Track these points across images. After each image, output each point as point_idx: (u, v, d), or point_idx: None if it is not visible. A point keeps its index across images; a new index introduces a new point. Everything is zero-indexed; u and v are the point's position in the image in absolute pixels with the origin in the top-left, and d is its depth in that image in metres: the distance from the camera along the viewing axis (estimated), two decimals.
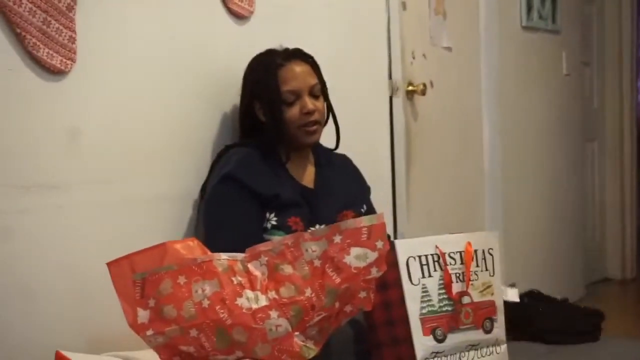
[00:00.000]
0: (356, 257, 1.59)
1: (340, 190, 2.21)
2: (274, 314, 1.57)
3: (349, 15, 2.78)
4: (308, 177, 2.21)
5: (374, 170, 2.45)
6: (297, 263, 1.61)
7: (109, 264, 1.62)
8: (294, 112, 2.11)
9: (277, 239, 1.68)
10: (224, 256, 1.63)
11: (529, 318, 2.62)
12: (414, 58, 3.16)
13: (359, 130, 2.33)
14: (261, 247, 1.63)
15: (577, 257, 4.43)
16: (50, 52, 1.81)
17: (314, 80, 2.14)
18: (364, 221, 1.61)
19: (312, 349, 1.60)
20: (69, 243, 1.87)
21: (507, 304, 2.46)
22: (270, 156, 2.14)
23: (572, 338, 2.59)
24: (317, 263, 1.60)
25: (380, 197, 2.66)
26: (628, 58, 5.03)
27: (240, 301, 1.57)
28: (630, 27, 5.02)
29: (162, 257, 1.61)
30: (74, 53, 1.86)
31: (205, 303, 1.56)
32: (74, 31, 1.86)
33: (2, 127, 1.74)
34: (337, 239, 1.60)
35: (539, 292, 2.90)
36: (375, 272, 1.61)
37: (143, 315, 1.58)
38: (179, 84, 2.16)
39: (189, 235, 2.16)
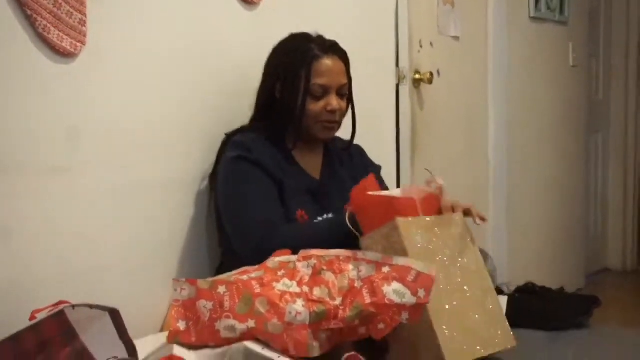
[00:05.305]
0: (394, 291, 1.61)
1: (346, 182, 2.18)
2: (299, 302, 1.61)
3: (358, 2, 2.78)
4: (314, 167, 2.19)
5: (379, 157, 2.45)
6: (340, 275, 1.66)
7: None
8: (318, 106, 2.08)
9: (333, 251, 1.71)
10: (277, 259, 1.72)
11: (523, 312, 2.64)
12: (421, 46, 3.16)
13: (365, 117, 2.31)
14: (315, 252, 1.70)
15: (578, 247, 4.44)
16: (61, 34, 1.81)
17: (344, 80, 2.12)
18: (417, 265, 1.63)
19: (316, 349, 1.62)
20: (74, 226, 1.87)
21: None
22: (277, 142, 2.12)
23: (569, 321, 2.61)
24: (357, 284, 1.64)
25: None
26: (634, 50, 5.03)
27: (276, 284, 1.64)
28: (638, 19, 5.02)
29: None
30: (84, 36, 1.85)
31: (245, 278, 1.65)
32: (84, 14, 1.85)
33: (12, 109, 1.73)
34: (386, 269, 1.64)
35: (532, 285, 2.92)
36: (404, 318, 1.61)
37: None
38: (188, 69, 2.15)
39: (197, 220, 2.18)
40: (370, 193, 1.84)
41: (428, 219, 1.83)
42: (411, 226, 1.78)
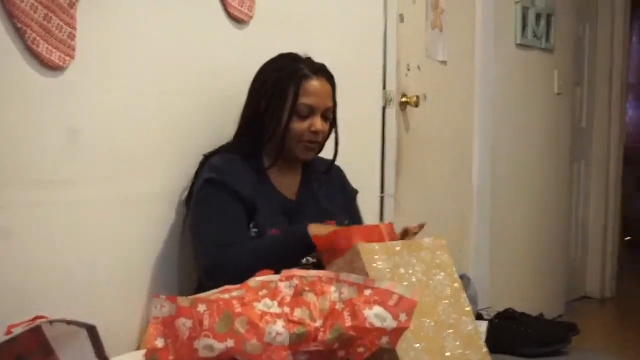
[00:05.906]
0: (376, 314, 1.60)
1: (322, 203, 2.19)
2: (280, 322, 1.59)
3: (347, 24, 2.78)
4: (291, 188, 2.19)
5: (363, 179, 2.45)
6: (322, 296, 1.64)
7: None
8: (302, 126, 2.09)
9: (314, 271, 1.71)
10: (259, 278, 1.69)
11: (503, 338, 2.65)
12: (408, 70, 3.18)
13: (350, 139, 2.31)
14: (297, 272, 1.68)
15: (558, 274, 4.45)
16: (50, 47, 1.80)
17: (330, 103, 2.13)
18: (399, 289, 1.63)
19: None
20: (65, 240, 1.86)
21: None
22: (253, 163, 2.12)
23: (547, 348, 2.62)
24: (338, 306, 1.63)
25: (368, 207, 2.66)
26: (618, 79, 5.06)
27: (256, 304, 1.62)
28: (622, 48, 5.05)
29: None
30: (73, 49, 1.85)
31: (226, 297, 1.63)
32: (74, 28, 1.85)
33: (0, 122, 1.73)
34: (368, 292, 1.63)
35: (512, 311, 2.93)
36: (384, 342, 1.60)
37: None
38: (176, 84, 2.14)
39: (177, 235, 2.16)
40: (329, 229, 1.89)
41: (392, 243, 1.84)
42: (373, 251, 1.79)
